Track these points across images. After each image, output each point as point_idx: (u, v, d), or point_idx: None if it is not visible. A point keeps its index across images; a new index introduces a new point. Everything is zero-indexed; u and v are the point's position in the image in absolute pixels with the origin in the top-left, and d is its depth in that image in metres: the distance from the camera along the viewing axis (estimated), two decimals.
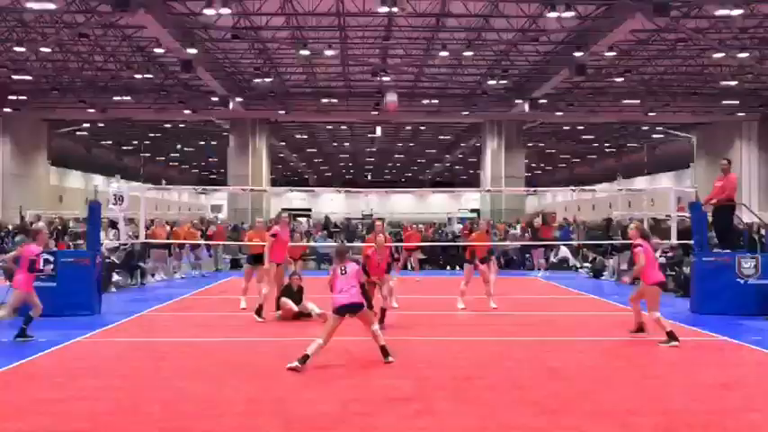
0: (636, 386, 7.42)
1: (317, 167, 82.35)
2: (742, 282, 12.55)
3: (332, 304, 8.41)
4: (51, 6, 21.64)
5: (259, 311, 11.66)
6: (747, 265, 12.60)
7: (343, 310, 8.30)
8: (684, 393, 7.11)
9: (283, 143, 58.30)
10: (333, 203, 71.85)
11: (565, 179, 78.32)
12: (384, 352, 8.42)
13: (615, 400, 6.90)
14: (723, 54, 27.76)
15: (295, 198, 74.96)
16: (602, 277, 20.17)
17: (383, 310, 10.79)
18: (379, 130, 48.21)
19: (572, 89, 36.56)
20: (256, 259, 13.23)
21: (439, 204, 72.31)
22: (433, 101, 39.54)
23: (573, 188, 51.81)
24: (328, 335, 8.20)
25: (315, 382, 7.54)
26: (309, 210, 69.21)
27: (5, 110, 38.12)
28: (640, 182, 57.69)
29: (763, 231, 15.74)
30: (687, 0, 22.76)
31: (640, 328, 10.26)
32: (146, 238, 17.01)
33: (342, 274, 8.50)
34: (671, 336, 9.50)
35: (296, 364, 7.85)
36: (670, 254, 17.49)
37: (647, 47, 29.04)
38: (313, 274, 17.42)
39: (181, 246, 20.09)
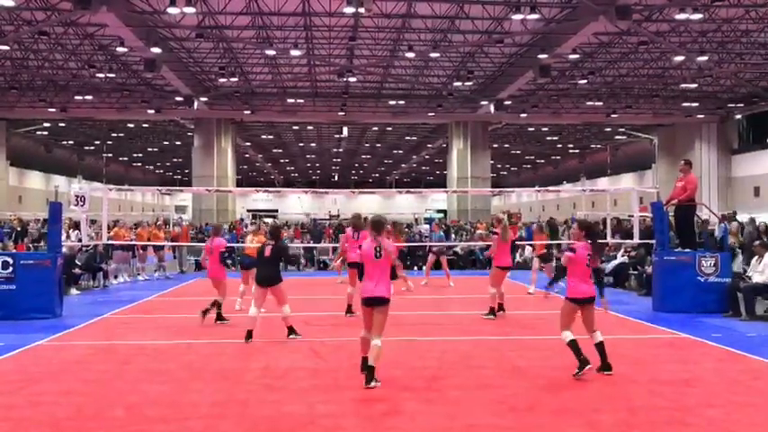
0: (599, 383, 7.51)
1: (284, 168, 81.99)
2: (702, 280, 12.80)
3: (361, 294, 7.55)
4: (10, 3, 21.16)
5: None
6: (707, 263, 12.86)
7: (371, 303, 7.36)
8: (647, 390, 7.23)
9: (249, 143, 57.91)
10: (299, 204, 71.56)
11: (530, 180, 79.19)
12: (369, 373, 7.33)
13: (579, 397, 6.98)
14: (683, 57, 28.35)
15: (261, 199, 74.51)
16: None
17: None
18: (345, 131, 48.21)
19: (536, 91, 36.97)
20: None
21: (406, 205, 72.52)
22: (399, 102, 39.64)
23: (538, 189, 52.41)
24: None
25: (280, 384, 7.49)
26: (276, 210, 68.88)
27: None
28: (603, 182, 58.61)
29: (717, 229, 16.10)
30: (649, 4, 23.17)
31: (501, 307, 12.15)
32: (108, 240, 16.74)
33: (377, 257, 7.39)
34: (491, 311, 11.86)
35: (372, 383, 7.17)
36: (632, 253, 17.78)
37: (609, 49, 29.51)
38: None
39: (144, 247, 19.83)
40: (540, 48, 27.32)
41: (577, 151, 64.34)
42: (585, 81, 33.90)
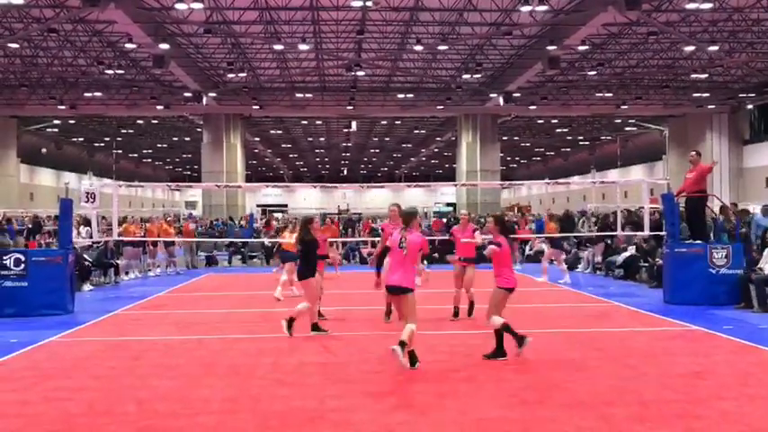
0: (610, 377, 7.49)
1: (293, 163, 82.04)
2: (714, 272, 12.72)
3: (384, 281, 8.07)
4: (19, 1, 21.25)
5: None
6: (719, 255, 12.78)
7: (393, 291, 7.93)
8: (658, 383, 7.19)
9: (258, 138, 57.98)
10: (308, 199, 71.69)
11: (539, 172, 78.92)
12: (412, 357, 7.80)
13: (590, 390, 6.95)
14: (693, 47, 28.13)
15: (271, 194, 74.65)
16: (577, 269, 20.35)
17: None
18: (354, 125, 48.20)
19: (545, 83, 36.80)
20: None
21: (415, 199, 72.44)
22: (407, 95, 39.56)
23: (547, 181, 52.24)
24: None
25: (291, 378, 7.51)
26: (285, 205, 69.01)
27: None
28: (613, 174, 58.33)
29: (721, 218, 15.96)
30: None
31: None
32: (118, 236, 16.81)
33: (400, 247, 7.80)
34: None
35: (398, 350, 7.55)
36: (643, 245, 17.68)
37: (619, 40, 29.33)
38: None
39: (154, 243, 19.91)
40: (549, 39, 27.19)
41: (587, 143, 64.07)
42: (595, 72, 33.72)
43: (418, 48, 28.56)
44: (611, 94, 38.41)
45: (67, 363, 8.41)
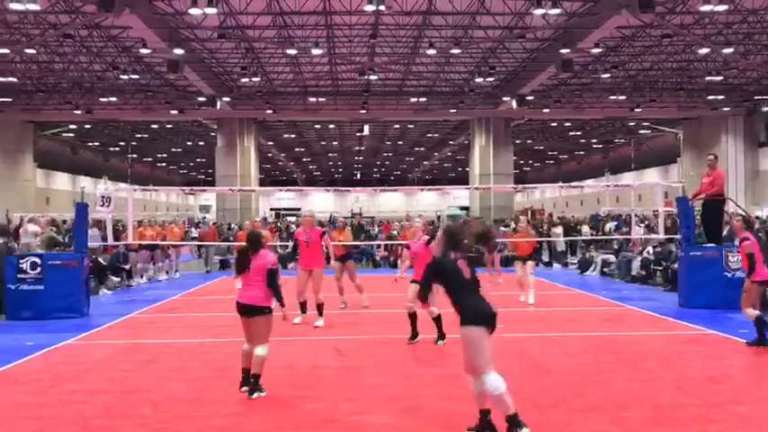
0: (625, 381, 7.45)
1: (306, 166, 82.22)
2: (729, 275, 12.62)
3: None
4: (35, 7, 21.46)
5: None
6: (734, 258, 12.67)
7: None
8: (673, 387, 7.15)
9: (271, 142, 58.16)
10: (322, 202, 71.80)
11: (553, 175, 78.61)
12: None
13: (605, 394, 6.92)
14: (708, 49, 27.94)
15: (284, 198, 74.86)
16: (589, 272, 20.31)
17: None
18: (366, 129, 48.25)
19: (559, 86, 36.69)
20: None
21: (428, 202, 72.43)
22: (420, 99, 39.56)
23: (561, 185, 52.05)
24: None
25: (304, 382, 7.53)
26: (299, 209, 69.15)
27: None
28: (628, 177, 57.96)
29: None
30: None
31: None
32: (132, 240, 16.90)
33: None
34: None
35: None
36: (658, 248, 17.61)
37: (632, 43, 29.18)
38: None
39: (167, 246, 20.02)
40: (563, 42, 27.11)
41: (601, 146, 63.74)
42: (608, 75, 33.56)
43: (431, 51, 28.57)
44: (624, 97, 38.21)
45: (83, 366, 8.48)
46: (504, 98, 37.73)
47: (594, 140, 60.47)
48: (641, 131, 52.88)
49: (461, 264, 5.81)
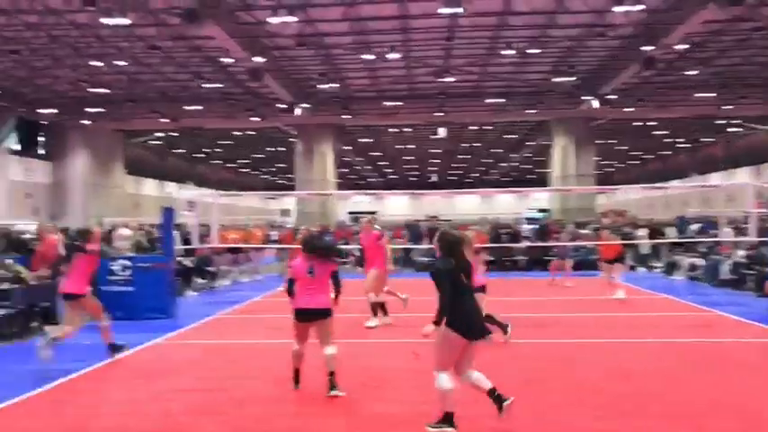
0: (710, 388, 7.18)
1: (382, 170, 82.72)
2: None
3: None
4: (125, 21, 22.48)
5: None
6: None
7: None
8: (761, 395, 6.84)
9: (349, 147, 58.83)
10: (398, 205, 72.11)
11: (638, 176, 76.23)
12: None
13: (688, 402, 6.69)
14: None
15: (361, 201, 75.55)
16: (674, 276, 19.62)
17: None
18: (442, 132, 48.10)
19: (642, 84, 35.59)
20: None
21: (506, 204, 71.57)
22: (498, 100, 39.17)
23: (644, 186, 50.41)
24: None
25: (384, 381, 7.61)
26: (375, 212, 69.63)
27: (84, 122, 39.85)
28: (716, 178, 55.61)
29: None
30: None
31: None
32: (216, 243, 17.44)
33: None
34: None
35: None
36: (750, 252, 16.83)
37: (720, 38, 28.02)
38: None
39: (249, 249, 20.55)
40: (645, 39, 26.31)
41: (688, 145, 61.42)
42: (695, 72, 32.33)
43: (508, 52, 28.27)
44: (712, 94, 36.69)
45: (170, 364, 8.82)
46: (585, 97, 36.90)
47: (680, 140, 58.33)
48: (730, 130, 50.64)
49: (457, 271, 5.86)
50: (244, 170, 78.62)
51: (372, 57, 29.23)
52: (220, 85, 34.80)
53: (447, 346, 5.82)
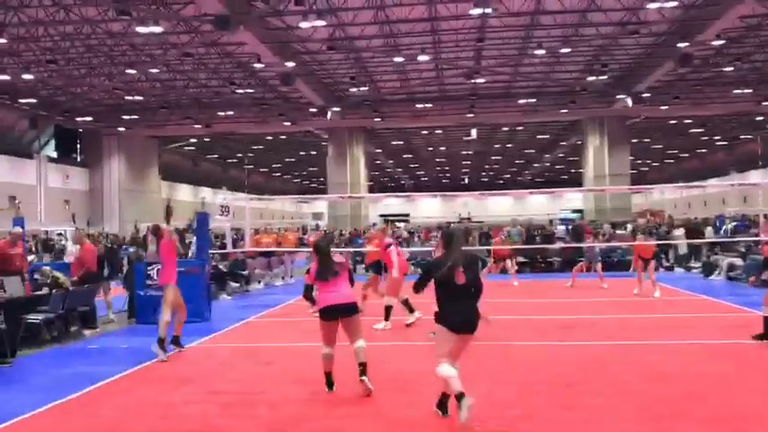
0: (750, 392, 7.01)
1: (414, 172, 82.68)
2: None
3: None
4: (158, 30, 22.84)
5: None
6: None
7: None
8: None
9: (380, 150, 58.94)
10: (429, 208, 71.96)
11: (673, 175, 75.01)
12: None
13: (728, 405, 6.55)
14: None
15: (393, 204, 75.61)
16: (713, 277, 19.24)
17: None
18: (474, 133, 47.95)
19: (677, 81, 35.05)
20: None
21: (539, 205, 70.99)
22: (529, 100, 38.90)
23: (681, 185, 49.58)
24: None
25: (412, 385, 7.59)
26: (408, 215, 69.63)
27: (119, 129, 40.57)
28: (755, 175, 54.45)
29: None
30: None
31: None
32: (250, 247, 17.59)
33: None
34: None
35: None
36: None
37: (757, 32, 27.46)
38: None
39: (282, 253, 20.66)
40: (680, 35, 25.91)
41: (725, 143, 60.30)
42: (732, 68, 31.74)
43: (539, 52, 28.06)
44: (750, 91, 35.99)
45: (206, 367, 8.92)
46: (619, 96, 36.45)
47: (717, 137, 57.30)
48: None
49: (457, 270, 6.06)
50: (276, 174, 79.23)
51: (402, 59, 29.25)
52: (252, 91, 35.15)
53: (440, 338, 6.18)
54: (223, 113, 38.86)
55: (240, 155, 61.20)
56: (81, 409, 7.01)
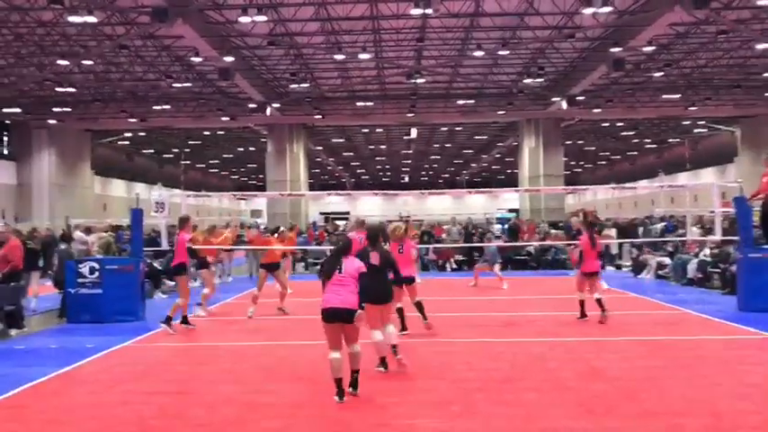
0: (682, 386, 7.27)
1: (355, 170, 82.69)
2: None
3: None
4: (92, 20, 22.13)
5: None
6: None
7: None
8: (732, 393, 6.95)
9: (320, 147, 58.67)
10: (370, 206, 72.08)
11: (605, 177, 77.22)
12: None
13: (661, 400, 6.77)
14: (766, 45, 27.09)
15: (333, 202, 75.40)
16: (643, 275, 19.89)
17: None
18: (414, 132, 48.24)
19: (610, 85, 36.04)
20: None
21: (477, 205, 71.96)
22: (468, 101, 39.36)
23: (613, 186, 51.05)
24: None
25: (360, 388, 7.56)
26: (348, 213, 69.57)
27: (51, 122, 39.16)
28: (683, 178, 56.56)
29: None
30: None
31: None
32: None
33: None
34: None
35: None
36: (715, 250, 17.13)
37: (686, 40, 28.48)
38: None
39: (219, 251, 20.29)
40: (614, 41, 26.62)
41: (655, 146, 62.38)
42: (662, 73, 32.82)
43: (478, 53, 28.41)
44: (679, 96, 37.29)
45: (140, 367, 8.70)
46: (554, 99, 37.25)
47: (648, 140, 59.24)
48: (696, 131, 51.56)
49: (373, 254, 8.11)
50: (213, 170, 77.97)
51: (343, 56, 29.17)
52: (190, 85, 34.42)
53: (368, 312, 7.42)
54: (159, 107, 37.92)
55: (176, 150, 59.92)
56: (5, 413, 6.72)
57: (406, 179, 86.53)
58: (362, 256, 7.79)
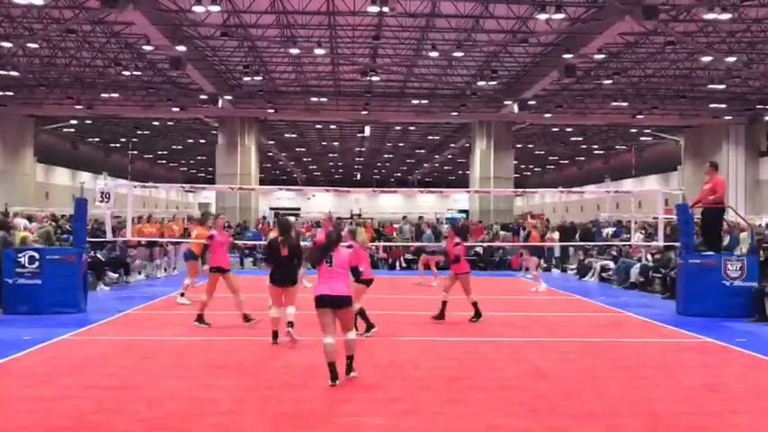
0: (622, 387, 7.44)
1: (306, 166, 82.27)
2: (728, 284, 12.61)
3: None
4: (39, 2, 21.45)
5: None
6: (733, 267, 12.67)
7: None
8: (670, 395, 7.14)
9: (272, 142, 58.14)
10: (322, 202, 71.81)
11: (553, 180, 78.66)
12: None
13: (601, 401, 6.91)
14: (711, 58, 27.96)
15: (284, 197, 74.86)
16: (587, 278, 20.32)
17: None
18: (367, 130, 48.23)
19: (561, 91, 36.67)
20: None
21: (428, 204, 72.43)
22: (422, 101, 39.55)
23: (561, 189, 52.02)
24: None
25: (301, 381, 7.52)
26: (299, 209, 69.18)
27: None
28: (628, 184, 58.01)
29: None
30: (676, 3, 22.88)
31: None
32: (131, 236, 16.86)
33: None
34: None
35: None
36: (657, 255, 17.60)
37: (635, 49, 29.18)
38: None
39: (166, 244, 19.97)
40: (566, 47, 27.10)
41: (602, 152, 63.76)
42: (611, 81, 33.55)
43: (434, 54, 28.56)
44: (626, 104, 38.19)
45: (79, 361, 8.46)
46: (506, 102, 37.72)
47: (596, 146, 60.50)
48: (642, 138, 52.90)
49: (282, 246, 9.45)
50: (161, 161, 76.54)
51: (298, 51, 28.95)
52: (139, 73, 33.68)
53: (271, 291, 9.72)
54: (107, 95, 36.98)
55: (124, 140, 58.55)
56: None
57: (359, 176, 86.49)
58: (273, 246, 9.60)
